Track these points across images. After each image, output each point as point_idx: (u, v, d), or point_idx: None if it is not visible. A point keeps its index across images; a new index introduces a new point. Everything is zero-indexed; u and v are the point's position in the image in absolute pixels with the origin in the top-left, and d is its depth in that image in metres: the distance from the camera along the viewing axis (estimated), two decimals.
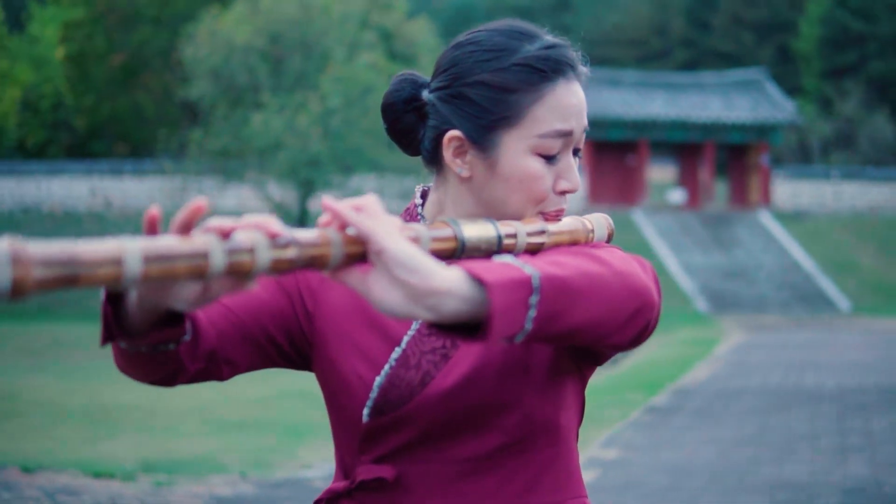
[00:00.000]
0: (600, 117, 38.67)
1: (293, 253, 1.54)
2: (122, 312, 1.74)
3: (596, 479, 9.03)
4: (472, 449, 1.94)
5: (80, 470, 9.91)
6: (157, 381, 1.91)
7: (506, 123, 1.94)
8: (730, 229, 36.94)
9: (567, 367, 1.98)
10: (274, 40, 24.01)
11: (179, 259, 1.45)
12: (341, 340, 2.01)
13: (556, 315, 1.63)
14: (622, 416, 12.49)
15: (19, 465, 10.01)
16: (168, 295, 1.62)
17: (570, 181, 1.98)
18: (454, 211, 2.01)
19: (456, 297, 1.54)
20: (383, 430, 1.95)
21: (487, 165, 1.96)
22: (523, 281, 1.59)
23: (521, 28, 1.99)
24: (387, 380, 1.95)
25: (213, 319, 1.94)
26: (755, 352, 20.49)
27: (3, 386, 14.76)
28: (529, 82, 1.94)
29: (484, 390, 1.92)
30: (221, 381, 2.01)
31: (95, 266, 1.37)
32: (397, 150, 9.37)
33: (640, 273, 1.78)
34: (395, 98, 2.03)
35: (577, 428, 2.06)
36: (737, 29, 58.67)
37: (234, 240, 1.50)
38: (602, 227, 2.03)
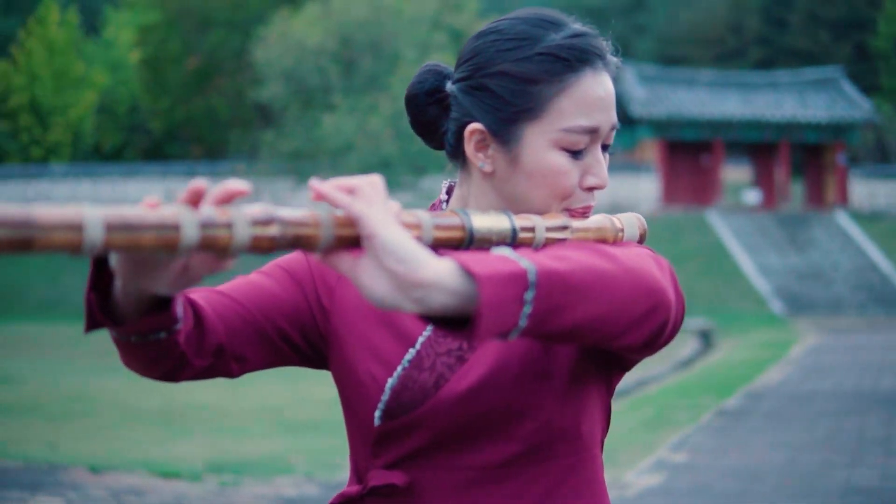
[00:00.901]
0: (675, 117, 38.41)
1: (276, 230, 1.47)
2: (109, 300, 1.67)
3: (663, 482, 8.93)
4: (488, 456, 1.85)
5: (148, 470, 9.97)
6: (160, 376, 1.83)
7: (528, 116, 1.85)
8: (806, 230, 36.52)
9: (592, 374, 1.90)
10: (345, 42, 24.06)
11: (146, 229, 1.38)
12: (356, 339, 1.93)
13: (555, 312, 1.53)
14: (692, 420, 12.36)
15: (87, 466, 10.09)
16: (147, 276, 1.56)
17: (598, 177, 1.88)
18: (477, 206, 1.92)
19: (444, 290, 1.45)
20: (395, 434, 1.88)
21: (510, 160, 1.88)
22: (518, 275, 1.49)
23: (546, 16, 1.90)
24: (399, 382, 1.88)
25: (222, 314, 1.87)
26: (830, 354, 20.22)
27: (76, 387, 14.91)
28: (553, 72, 1.84)
29: (500, 395, 1.83)
30: (231, 378, 1.93)
31: (52, 230, 1.32)
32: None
33: (654, 271, 1.67)
34: (418, 90, 1.96)
35: (601, 437, 1.97)
36: (813, 27, 58.01)
37: (209, 213, 1.43)
38: (633, 226, 1.93)
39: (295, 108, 24.61)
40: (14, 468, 9.92)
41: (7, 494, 8.72)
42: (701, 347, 22.23)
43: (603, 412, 1.96)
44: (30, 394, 14.66)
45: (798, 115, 39.77)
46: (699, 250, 33.56)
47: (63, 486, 9.20)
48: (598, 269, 1.58)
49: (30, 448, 11.05)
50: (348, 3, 24.00)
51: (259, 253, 1.47)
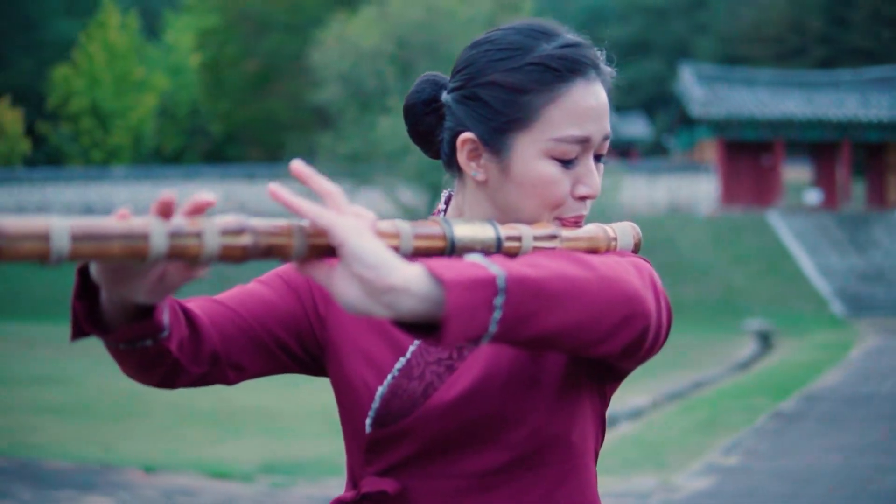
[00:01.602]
0: (734, 117, 38.16)
1: (248, 240, 1.49)
2: (96, 309, 1.70)
3: (712, 486, 8.87)
4: (478, 464, 1.86)
5: (200, 471, 10.03)
6: (157, 382, 1.85)
7: (518, 125, 1.86)
8: (867, 230, 36.12)
9: (583, 383, 1.90)
10: (401, 44, 24.09)
11: (114, 239, 1.42)
12: (351, 347, 1.95)
13: (527, 318, 1.52)
14: (746, 422, 12.26)
15: (140, 466, 10.17)
16: (124, 285, 1.58)
17: (590, 186, 1.89)
18: (472, 215, 1.94)
19: (413, 295, 1.46)
20: (386, 441, 1.89)
21: (501, 168, 1.88)
22: (486, 280, 1.49)
23: (539, 26, 1.91)
24: (388, 390, 1.89)
25: (217, 322, 1.90)
26: (890, 356, 20.01)
27: (132, 388, 14.98)
28: (543, 82, 1.85)
29: (488, 404, 1.84)
30: (228, 385, 1.95)
31: (19, 240, 1.36)
32: None
33: (632, 279, 1.66)
34: (416, 99, 1.98)
35: (595, 446, 1.96)
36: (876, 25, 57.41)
37: (178, 223, 1.46)
38: (627, 234, 1.93)
39: (352, 110, 24.67)
40: (67, 468, 10.01)
41: (59, 494, 8.81)
42: (760, 349, 22.07)
43: (596, 421, 1.95)
44: (85, 395, 14.79)
45: (860, 114, 39.36)
46: (759, 251, 33.29)
47: (115, 487, 9.28)
48: (572, 276, 1.57)
49: (84, 448, 11.15)
50: (404, 5, 24.03)
51: (231, 262, 1.49)
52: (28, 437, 11.74)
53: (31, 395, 14.93)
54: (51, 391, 15.36)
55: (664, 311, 1.76)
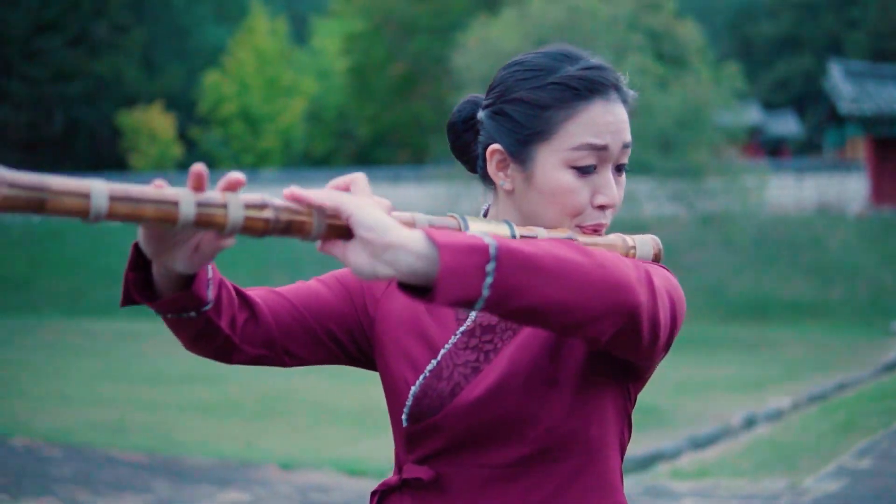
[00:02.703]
0: (886, 114, 37.36)
1: (269, 214, 1.68)
2: (148, 281, 1.92)
3: (842, 488, 8.78)
4: (502, 456, 2.02)
5: (336, 468, 10.23)
6: (211, 355, 2.08)
7: (540, 138, 2.04)
8: None
9: (605, 382, 2.05)
10: (541, 45, 24.13)
11: (148, 203, 1.60)
12: (394, 346, 2.14)
13: (518, 288, 1.66)
14: (884, 425, 12.07)
15: (279, 463, 10.40)
16: (166, 253, 1.80)
17: (608, 196, 2.05)
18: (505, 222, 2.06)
19: (410, 251, 1.62)
20: (420, 434, 2.07)
21: (525, 178, 2.06)
22: (479, 247, 1.64)
23: (566, 51, 2.09)
24: (420, 389, 2.08)
25: (275, 311, 2.12)
26: None
27: (275, 387, 15.32)
28: (563, 99, 2.03)
29: (508, 403, 2.00)
30: (285, 368, 2.17)
31: (62, 195, 1.54)
32: (670, 152, 9.40)
33: (626, 271, 1.78)
34: (456, 118, 2.18)
35: (617, 441, 2.11)
36: None
37: (207, 194, 1.65)
38: (647, 245, 2.09)
39: None
40: (208, 464, 10.29)
41: (197, 490, 9.07)
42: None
43: (619, 418, 2.10)
44: (230, 394, 15.13)
45: None
46: None
47: (252, 483, 9.52)
48: (565, 257, 1.71)
49: (224, 445, 11.43)
50: (545, 6, 24.01)
51: (254, 235, 1.69)
52: (171, 434, 12.08)
53: (177, 394, 15.33)
54: (196, 389, 15.75)
55: (662, 309, 1.87)
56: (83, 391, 15.59)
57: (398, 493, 2.12)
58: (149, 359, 18.31)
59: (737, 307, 27.46)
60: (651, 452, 10.98)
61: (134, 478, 9.43)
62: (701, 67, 24.00)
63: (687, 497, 8.44)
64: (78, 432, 11.84)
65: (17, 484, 8.81)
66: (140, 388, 16.01)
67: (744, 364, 18.97)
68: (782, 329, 24.85)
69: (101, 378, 17.02)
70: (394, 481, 2.13)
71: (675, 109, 23.09)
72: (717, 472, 9.72)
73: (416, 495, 2.08)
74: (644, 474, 10.06)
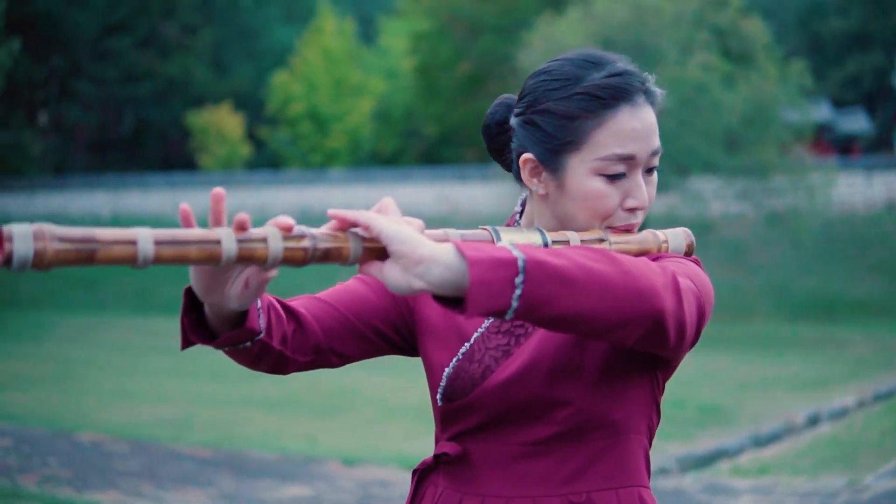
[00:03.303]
0: None
1: (307, 243, 1.76)
2: (202, 322, 2.03)
3: None
4: (528, 435, 2.13)
5: (399, 464, 10.30)
6: (268, 370, 2.20)
7: (570, 148, 2.13)
8: None
9: (632, 369, 2.13)
10: (607, 44, 24.04)
11: (192, 244, 1.69)
12: (432, 332, 2.26)
13: (547, 298, 1.75)
14: None
15: (341, 459, 10.49)
16: (218, 293, 1.90)
17: (638, 199, 2.14)
18: (538, 224, 2.22)
19: (441, 264, 1.72)
20: (453, 414, 2.18)
21: (557, 185, 2.16)
22: (508, 261, 1.73)
23: (591, 56, 2.16)
24: (453, 371, 2.19)
25: (318, 317, 2.23)
26: None
27: (339, 384, 15.43)
28: (589, 109, 2.10)
29: (534, 385, 2.10)
30: (334, 369, 2.31)
31: (111, 244, 1.63)
32: (736, 150, 9.51)
33: (653, 278, 1.86)
34: (491, 120, 2.27)
35: (644, 425, 2.20)
36: None
37: (248, 231, 1.74)
38: (678, 238, 2.18)
39: None
40: (271, 459, 10.40)
41: (259, 484, 9.17)
42: None
43: (645, 404, 2.19)
44: (294, 390, 15.24)
45: None
46: None
47: (314, 478, 9.61)
48: (591, 268, 1.79)
49: (288, 441, 11.54)
50: (610, 4, 23.99)
51: (295, 265, 1.78)
52: (236, 430, 12.21)
53: (243, 390, 15.48)
54: (261, 386, 15.89)
55: (689, 311, 1.94)
56: (150, 388, 15.80)
57: (434, 472, 2.25)
58: (215, 356, 18.33)
59: (803, 306, 27.28)
60: (712, 450, 10.97)
61: (198, 472, 9.55)
62: (768, 64, 23.85)
63: (746, 494, 8.43)
64: (144, 428, 12.00)
65: (81, 478, 8.95)
66: (206, 384, 16.20)
67: (809, 363, 18.86)
68: (849, 328, 24.66)
69: (167, 375, 17.24)
70: (430, 460, 2.25)
71: (742, 107, 22.96)
72: (777, 469, 9.70)
73: (448, 472, 2.21)
74: (705, 472, 10.06)
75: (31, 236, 1.59)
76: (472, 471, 2.17)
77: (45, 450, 10.05)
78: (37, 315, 27.08)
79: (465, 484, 2.19)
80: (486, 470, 2.16)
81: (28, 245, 1.59)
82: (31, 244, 1.59)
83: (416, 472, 2.28)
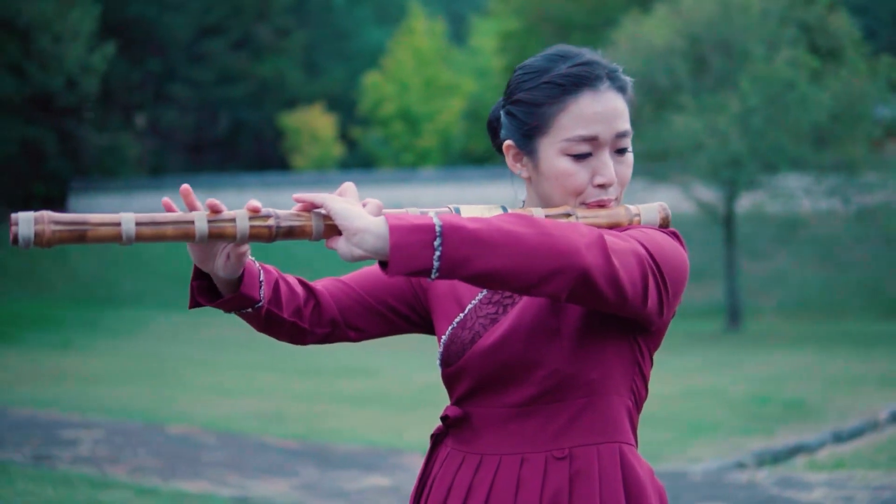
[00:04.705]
0: None
1: (272, 222, 2.13)
2: (211, 286, 2.40)
3: None
4: (515, 397, 2.37)
5: None
6: (287, 339, 2.53)
7: (539, 132, 2.37)
8: None
9: (609, 334, 2.34)
10: (694, 41, 24.04)
11: (168, 224, 2.08)
12: (440, 308, 2.52)
13: (465, 259, 2.02)
14: None
15: (423, 451, 10.72)
16: (209, 263, 2.28)
17: (605, 176, 2.36)
18: (531, 206, 2.46)
19: (372, 233, 2.02)
20: (451, 378, 2.45)
21: (534, 167, 2.40)
22: (426, 227, 2.01)
23: (562, 51, 2.41)
24: (448, 338, 2.45)
25: (336, 295, 2.55)
26: None
27: (427, 380, 15.65)
28: (552, 95, 2.35)
29: (514, 349, 2.34)
30: (353, 342, 2.58)
31: (98, 226, 2.03)
32: (825, 146, 9.80)
33: (574, 238, 2.09)
34: (491, 116, 2.53)
35: (626, 389, 2.39)
36: None
37: (221, 213, 2.12)
38: (652, 212, 2.41)
39: (647, 109, 24.77)
40: (356, 451, 10.66)
41: (343, 474, 9.42)
42: None
43: (625, 367, 2.38)
44: (383, 385, 15.52)
45: None
46: None
47: (396, 468, 9.84)
48: (509, 230, 2.05)
49: (374, 434, 11.79)
50: (697, 2, 23.94)
51: (263, 240, 2.15)
52: (324, 423, 12.49)
53: (333, 386, 15.79)
54: (351, 382, 16.19)
55: (624, 268, 2.16)
56: (242, 383, 16.17)
57: (445, 435, 2.50)
58: (307, 353, 18.81)
59: (895, 304, 27.04)
60: (791, 446, 11.03)
61: (284, 463, 9.83)
62: (857, 60, 23.65)
63: (818, 487, 8.52)
64: (234, 421, 12.33)
65: (170, 468, 9.27)
66: (297, 380, 16.53)
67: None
68: None
69: (260, 370, 17.61)
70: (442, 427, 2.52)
71: (830, 103, 22.82)
72: (853, 464, 9.76)
73: (455, 434, 2.46)
74: (781, 466, 10.14)
75: (32, 220, 2.00)
76: (473, 432, 2.41)
77: (136, 441, 10.40)
78: (135, 313, 27.67)
79: (466, 444, 2.42)
80: (483, 431, 2.39)
81: (30, 227, 2.00)
82: (32, 227, 2.00)
83: (433, 436, 2.54)
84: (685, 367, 17.56)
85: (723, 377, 16.44)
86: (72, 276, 31.65)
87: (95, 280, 31.48)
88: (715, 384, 15.70)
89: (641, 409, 2.45)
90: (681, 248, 2.33)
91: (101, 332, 24.12)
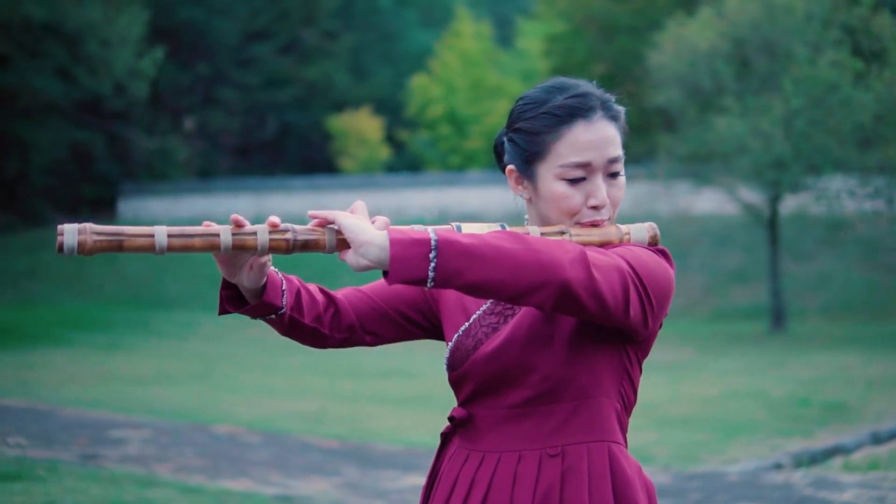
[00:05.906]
0: None
1: (289, 236, 2.37)
2: (238, 295, 2.64)
3: None
4: (512, 399, 2.59)
5: None
6: (309, 343, 2.77)
7: (537, 158, 2.60)
8: None
9: (600, 343, 2.56)
10: (738, 43, 24.04)
11: (196, 236, 2.32)
12: (449, 317, 2.74)
13: (457, 270, 2.26)
14: None
15: None
16: (234, 274, 2.52)
17: (597, 198, 2.59)
18: (532, 224, 2.68)
19: (376, 245, 2.27)
20: (457, 381, 2.67)
21: (533, 190, 2.64)
22: (423, 241, 2.26)
23: (559, 83, 2.64)
24: (454, 344, 2.68)
25: (353, 303, 2.78)
26: None
27: None
28: (549, 125, 2.58)
29: (512, 355, 2.56)
30: (369, 347, 2.82)
31: (134, 237, 2.28)
32: (868, 148, 10.09)
33: (558, 255, 2.31)
34: (497, 142, 2.76)
35: (615, 392, 2.61)
36: None
37: (244, 227, 2.37)
38: (641, 231, 2.63)
39: (691, 111, 24.82)
40: (396, 451, 10.83)
41: (382, 473, 9.60)
42: None
43: (614, 373, 2.60)
44: (424, 388, 15.66)
45: None
46: None
47: None
48: (499, 246, 2.29)
49: (416, 435, 11.94)
50: (742, 4, 23.94)
51: (282, 252, 2.40)
52: (366, 424, 12.68)
53: (375, 387, 15.98)
54: (393, 384, 16.37)
55: (605, 283, 2.37)
56: (287, 384, 16.38)
57: (453, 434, 2.73)
58: (351, 355, 19.01)
59: None
60: (829, 447, 11.10)
61: (326, 462, 10.02)
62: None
63: (851, 488, 8.60)
64: (278, 421, 12.54)
65: (215, 466, 9.48)
66: (341, 381, 16.73)
67: None
68: None
69: (304, 372, 17.82)
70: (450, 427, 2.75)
71: (874, 105, 22.78)
72: (888, 465, 9.82)
73: (461, 433, 2.69)
74: (817, 467, 10.22)
75: (76, 231, 2.25)
76: (477, 431, 2.64)
77: (181, 441, 10.63)
78: (183, 315, 27.98)
79: (470, 442, 2.66)
80: (485, 430, 2.63)
81: (73, 237, 2.24)
82: (75, 237, 2.24)
83: (443, 434, 2.77)
84: (727, 368, 17.64)
85: (765, 379, 16.50)
86: (120, 279, 32.03)
87: (143, 283, 31.85)
88: (756, 386, 15.77)
89: (631, 412, 2.67)
90: (666, 263, 2.55)
91: (149, 333, 24.43)
